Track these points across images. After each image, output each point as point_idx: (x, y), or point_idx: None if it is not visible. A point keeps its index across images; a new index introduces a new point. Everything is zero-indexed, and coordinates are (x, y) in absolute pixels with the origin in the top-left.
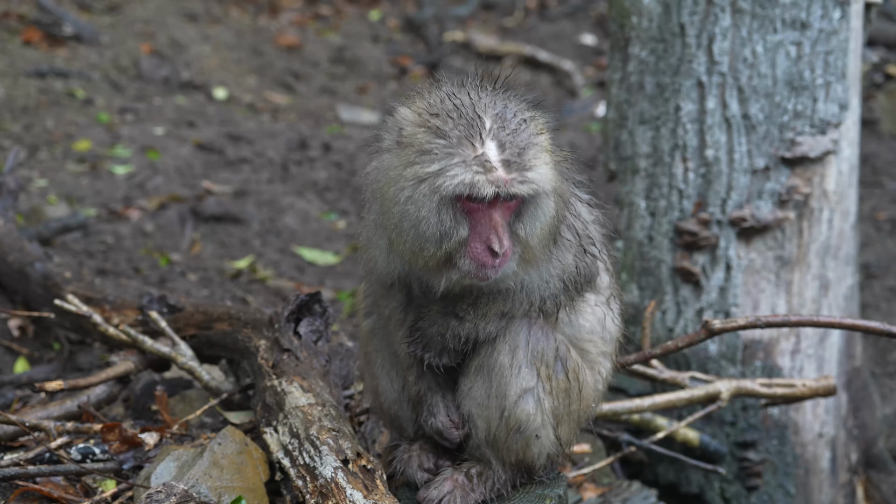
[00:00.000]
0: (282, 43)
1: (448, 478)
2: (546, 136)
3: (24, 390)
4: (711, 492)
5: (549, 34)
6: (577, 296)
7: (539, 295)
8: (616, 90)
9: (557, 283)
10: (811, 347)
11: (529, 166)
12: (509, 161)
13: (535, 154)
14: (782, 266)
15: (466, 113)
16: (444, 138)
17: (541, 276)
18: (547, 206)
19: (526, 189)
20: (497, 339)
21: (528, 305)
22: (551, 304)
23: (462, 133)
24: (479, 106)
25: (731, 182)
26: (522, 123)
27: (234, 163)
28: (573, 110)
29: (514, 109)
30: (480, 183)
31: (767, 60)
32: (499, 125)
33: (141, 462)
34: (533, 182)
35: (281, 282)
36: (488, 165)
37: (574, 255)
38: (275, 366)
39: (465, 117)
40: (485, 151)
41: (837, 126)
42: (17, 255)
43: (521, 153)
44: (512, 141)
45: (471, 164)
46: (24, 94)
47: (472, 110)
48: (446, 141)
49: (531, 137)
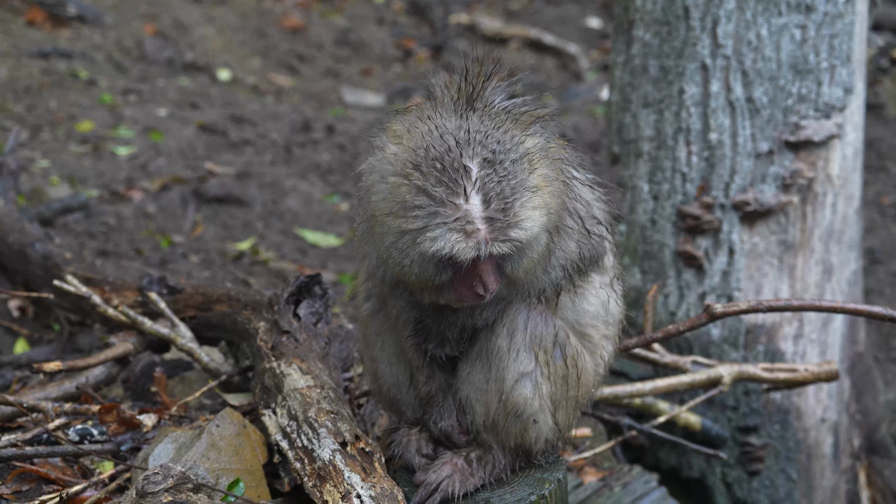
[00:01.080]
0: (286, 25)
1: (447, 461)
2: (542, 165)
3: (23, 371)
4: (713, 476)
5: (555, 17)
6: (581, 278)
7: (539, 285)
8: (620, 73)
9: (559, 272)
10: (814, 332)
11: (515, 221)
12: (493, 219)
13: (523, 203)
14: (786, 250)
15: (451, 164)
16: (427, 196)
17: (542, 267)
18: (536, 246)
19: (508, 247)
20: (495, 322)
21: (525, 293)
22: (551, 290)
23: (445, 191)
24: (467, 152)
25: (735, 166)
26: (515, 163)
27: (238, 144)
28: (578, 94)
29: (509, 143)
30: (461, 249)
31: (772, 43)
32: (487, 172)
33: (139, 444)
34: (517, 240)
35: (283, 264)
36: (470, 229)
37: (577, 242)
38: (274, 348)
39: (448, 170)
40: (468, 210)
41: (842, 110)
42: (17, 235)
43: (506, 208)
44: (500, 192)
45: (452, 228)
46: (26, 75)
47: (459, 159)
48: (429, 199)
49: (522, 179)
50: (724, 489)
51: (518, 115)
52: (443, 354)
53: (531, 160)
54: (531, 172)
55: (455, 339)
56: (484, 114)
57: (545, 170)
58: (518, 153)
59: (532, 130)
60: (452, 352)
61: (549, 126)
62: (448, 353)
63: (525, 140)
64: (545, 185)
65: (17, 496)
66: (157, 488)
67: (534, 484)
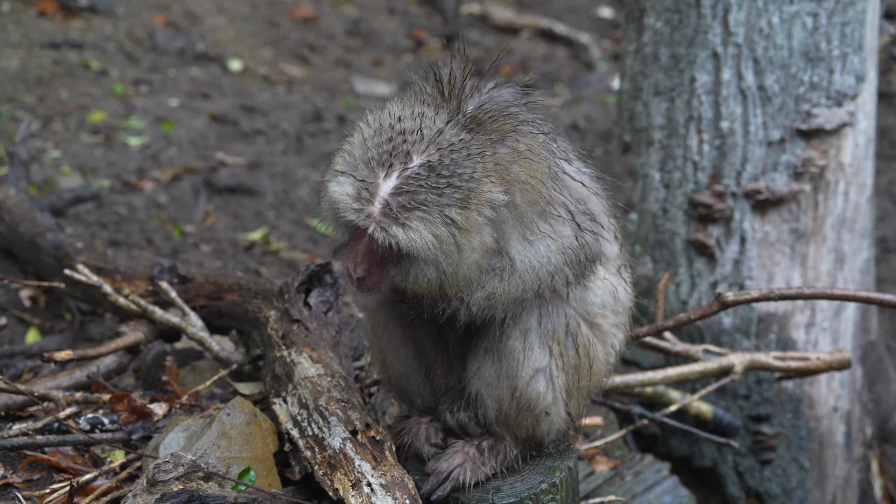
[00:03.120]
0: (297, 15)
1: (459, 450)
2: (478, 199)
3: (35, 360)
4: (725, 465)
5: (566, 7)
6: (586, 267)
7: (544, 272)
8: (631, 61)
9: (557, 257)
10: (826, 321)
11: (403, 224)
12: (390, 207)
13: (425, 220)
14: (797, 239)
15: (397, 147)
16: (363, 157)
17: (536, 253)
18: (421, 270)
19: (381, 238)
20: (506, 321)
21: (537, 286)
22: (561, 281)
23: (376, 161)
24: (419, 147)
25: (747, 154)
26: (447, 185)
27: (249, 134)
28: (590, 83)
29: (453, 160)
30: (345, 203)
31: (783, 31)
32: (422, 173)
33: (150, 432)
34: (394, 237)
35: (294, 254)
36: (365, 196)
37: (571, 230)
38: (284, 336)
39: (392, 150)
40: (378, 185)
41: (854, 98)
42: (28, 225)
43: (407, 208)
44: (415, 196)
45: (355, 185)
46: (38, 66)
47: (406, 147)
48: (361, 160)
49: (446, 204)
50: (736, 478)
51: (497, 117)
52: (425, 319)
53: (473, 190)
54: (462, 206)
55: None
56: (460, 116)
57: (450, 231)
58: (462, 179)
59: (515, 132)
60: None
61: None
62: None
63: (484, 161)
64: (474, 223)
65: (28, 485)
66: (167, 476)
67: (545, 472)
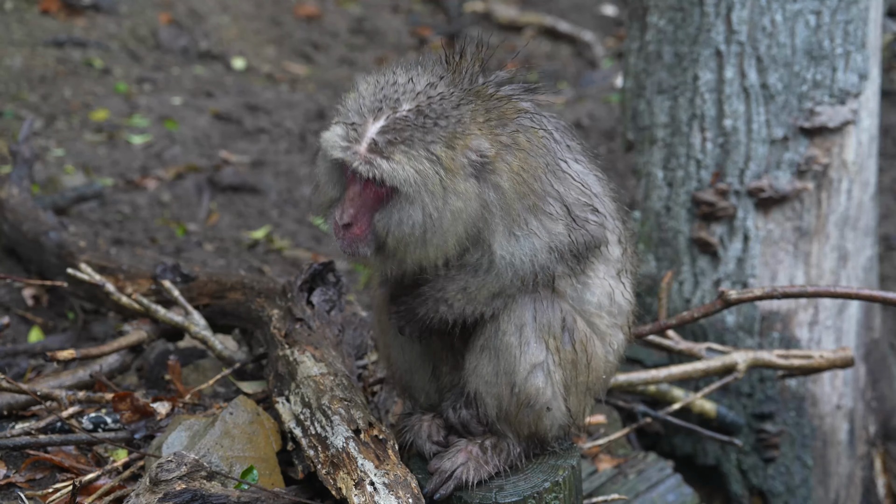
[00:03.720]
0: (301, 13)
1: (462, 449)
2: (465, 141)
3: (38, 359)
4: (728, 463)
5: (570, 5)
6: (579, 264)
7: (529, 269)
8: (634, 59)
9: (545, 254)
10: (829, 319)
11: (388, 157)
12: (376, 143)
13: (409, 154)
14: (801, 237)
15: (388, 93)
16: (354, 103)
17: (522, 249)
18: (406, 212)
19: (366, 171)
20: (500, 317)
21: (520, 282)
22: (544, 276)
23: (367, 107)
24: (408, 96)
25: (750, 152)
26: (434, 125)
27: (252, 133)
28: (593, 81)
29: (442, 107)
30: (334, 143)
31: (786, 29)
32: (408, 116)
33: (153, 432)
34: (379, 169)
35: (298, 252)
36: (353, 136)
37: (565, 226)
38: (287, 335)
39: (381, 96)
40: (365, 125)
41: (857, 96)
42: (31, 224)
43: (391, 143)
44: (400, 132)
45: (344, 126)
46: (41, 64)
47: (395, 95)
48: (353, 106)
49: (427, 138)
50: (740, 476)
51: (501, 98)
52: (418, 338)
53: (459, 133)
54: (448, 144)
55: (440, 331)
56: (463, 84)
57: (435, 167)
58: (450, 117)
59: (516, 119)
60: (424, 336)
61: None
62: (424, 338)
63: (475, 116)
64: (460, 165)
65: (31, 484)
66: (170, 476)
67: (548, 471)
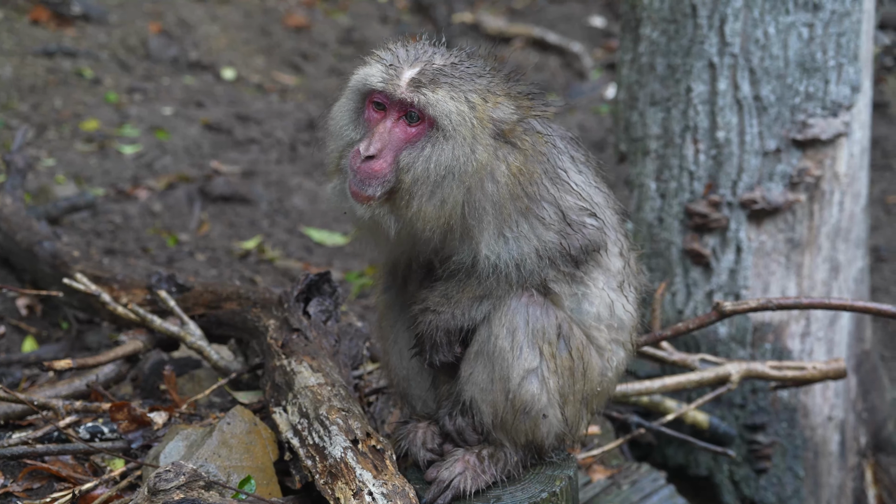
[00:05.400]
0: (290, 23)
1: (459, 458)
2: (495, 99)
3: (32, 369)
4: (720, 474)
5: (559, 16)
6: (578, 268)
7: (515, 273)
8: (627, 71)
9: (533, 258)
10: (821, 330)
11: (433, 88)
12: (417, 79)
13: (450, 92)
14: (793, 248)
15: (415, 50)
16: (386, 51)
17: (510, 252)
18: (437, 148)
19: (414, 97)
20: (492, 322)
21: (506, 286)
22: (535, 279)
23: (401, 57)
24: (434, 51)
25: (742, 164)
26: (469, 77)
27: (243, 143)
28: (582, 92)
29: (474, 68)
30: (376, 74)
31: (779, 42)
32: (442, 64)
33: (149, 441)
34: (426, 97)
35: (289, 262)
36: (394, 68)
37: (557, 232)
38: (284, 345)
39: (411, 52)
40: (402, 63)
41: (849, 108)
42: (25, 233)
43: (433, 81)
44: (437, 71)
45: (382, 63)
46: (32, 74)
47: (422, 50)
48: (386, 52)
49: (465, 85)
50: (732, 487)
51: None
52: (438, 362)
53: (491, 90)
54: (483, 96)
55: (445, 343)
56: (471, 59)
57: (472, 111)
58: (481, 80)
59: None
60: (447, 358)
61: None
62: (443, 359)
63: (495, 84)
64: (488, 119)
65: (28, 494)
66: (168, 486)
67: (545, 481)
